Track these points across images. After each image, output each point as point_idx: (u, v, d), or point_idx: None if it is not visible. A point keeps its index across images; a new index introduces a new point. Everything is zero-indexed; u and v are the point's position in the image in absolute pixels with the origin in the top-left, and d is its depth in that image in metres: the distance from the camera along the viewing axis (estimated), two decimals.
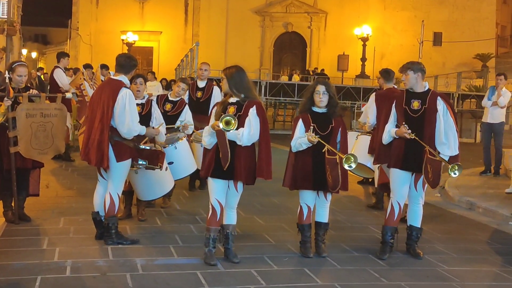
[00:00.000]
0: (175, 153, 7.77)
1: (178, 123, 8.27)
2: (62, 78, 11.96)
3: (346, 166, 5.89)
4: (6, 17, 23.26)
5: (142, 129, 6.44)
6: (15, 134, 6.88)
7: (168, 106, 8.27)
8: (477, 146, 18.37)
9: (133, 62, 6.49)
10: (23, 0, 28.53)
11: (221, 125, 5.51)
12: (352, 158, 5.86)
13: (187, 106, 8.57)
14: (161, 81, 22.11)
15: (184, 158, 7.92)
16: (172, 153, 7.72)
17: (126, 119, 6.21)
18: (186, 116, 8.44)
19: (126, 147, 6.31)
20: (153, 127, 7.16)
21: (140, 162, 6.39)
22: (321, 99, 6.15)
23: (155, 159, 6.58)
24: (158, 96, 8.19)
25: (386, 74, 8.91)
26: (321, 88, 6.17)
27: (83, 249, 6.14)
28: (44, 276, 5.25)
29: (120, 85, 6.29)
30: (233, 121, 5.51)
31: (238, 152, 5.72)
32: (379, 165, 7.35)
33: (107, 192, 6.34)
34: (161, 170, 6.75)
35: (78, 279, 5.25)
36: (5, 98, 6.77)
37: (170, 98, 8.45)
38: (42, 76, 21.86)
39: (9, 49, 22.65)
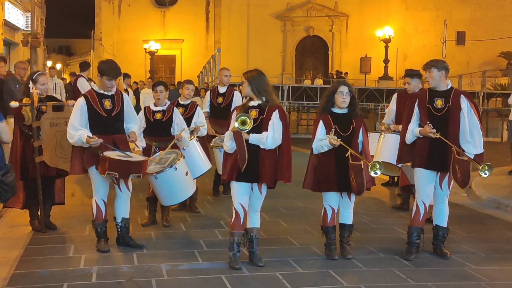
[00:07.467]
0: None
1: (192, 126, 8.26)
2: (85, 87, 12.11)
3: (372, 174, 5.84)
4: (30, 29, 23.53)
5: (77, 138, 6.15)
6: (39, 144, 6.95)
7: (181, 110, 8.22)
8: (503, 145, 18.13)
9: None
10: (46, 12, 28.80)
11: (237, 124, 5.52)
12: (377, 165, 5.81)
13: (199, 108, 8.53)
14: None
15: (192, 167, 7.57)
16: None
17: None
18: (199, 117, 8.41)
19: (90, 154, 6.31)
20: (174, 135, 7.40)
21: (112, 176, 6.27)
22: (344, 99, 6.11)
23: (128, 169, 6.26)
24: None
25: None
26: (344, 89, 6.12)
27: (108, 256, 6.18)
28: (71, 283, 5.30)
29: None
30: (248, 120, 5.52)
31: (262, 154, 5.71)
32: (401, 165, 7.28)
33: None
34: (141, 178, 6.53)
35: (104, 285, 5.29)
36: (30, 108, 6.85)
37: (181, 102, 8.47)
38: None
39: (33, 61, 22.87)
